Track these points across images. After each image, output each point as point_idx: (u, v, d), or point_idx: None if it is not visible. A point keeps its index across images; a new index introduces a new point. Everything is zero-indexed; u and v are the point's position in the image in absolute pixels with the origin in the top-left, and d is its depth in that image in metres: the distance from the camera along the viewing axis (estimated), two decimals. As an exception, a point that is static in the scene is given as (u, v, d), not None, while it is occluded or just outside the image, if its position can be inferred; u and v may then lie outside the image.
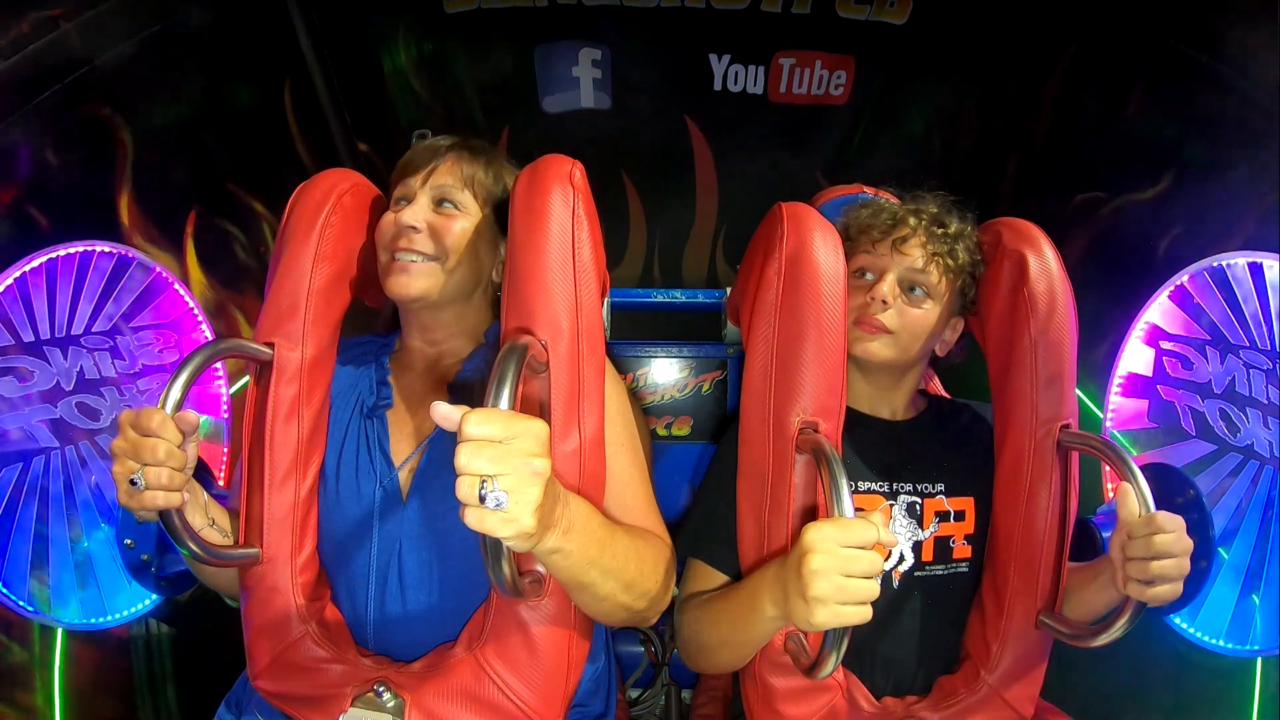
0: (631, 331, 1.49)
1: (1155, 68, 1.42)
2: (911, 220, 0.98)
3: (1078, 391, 0.95)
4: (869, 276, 0.99)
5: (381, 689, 0.83)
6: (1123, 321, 1.37)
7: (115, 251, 1.40)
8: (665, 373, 1.43)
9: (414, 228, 0.92)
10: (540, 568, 0.81)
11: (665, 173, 1.94)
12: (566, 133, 1.84)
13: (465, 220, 0.95)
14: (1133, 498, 0.81)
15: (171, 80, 1.50)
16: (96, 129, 1.44)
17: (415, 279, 0.92)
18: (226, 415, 1.47)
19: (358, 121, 1.79)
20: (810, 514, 0.86)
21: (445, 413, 0.63)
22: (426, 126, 1.82)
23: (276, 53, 1.64)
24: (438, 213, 0.94)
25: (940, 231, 0.97)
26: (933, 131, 1.81)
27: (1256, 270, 1.33)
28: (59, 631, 1.34)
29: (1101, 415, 1.39)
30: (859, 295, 0.98)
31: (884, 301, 0.96)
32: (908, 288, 0.98)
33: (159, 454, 0.73)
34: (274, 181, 1.66)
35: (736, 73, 1.78)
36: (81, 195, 1.45)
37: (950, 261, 0.97)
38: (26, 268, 1.34)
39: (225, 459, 1.46)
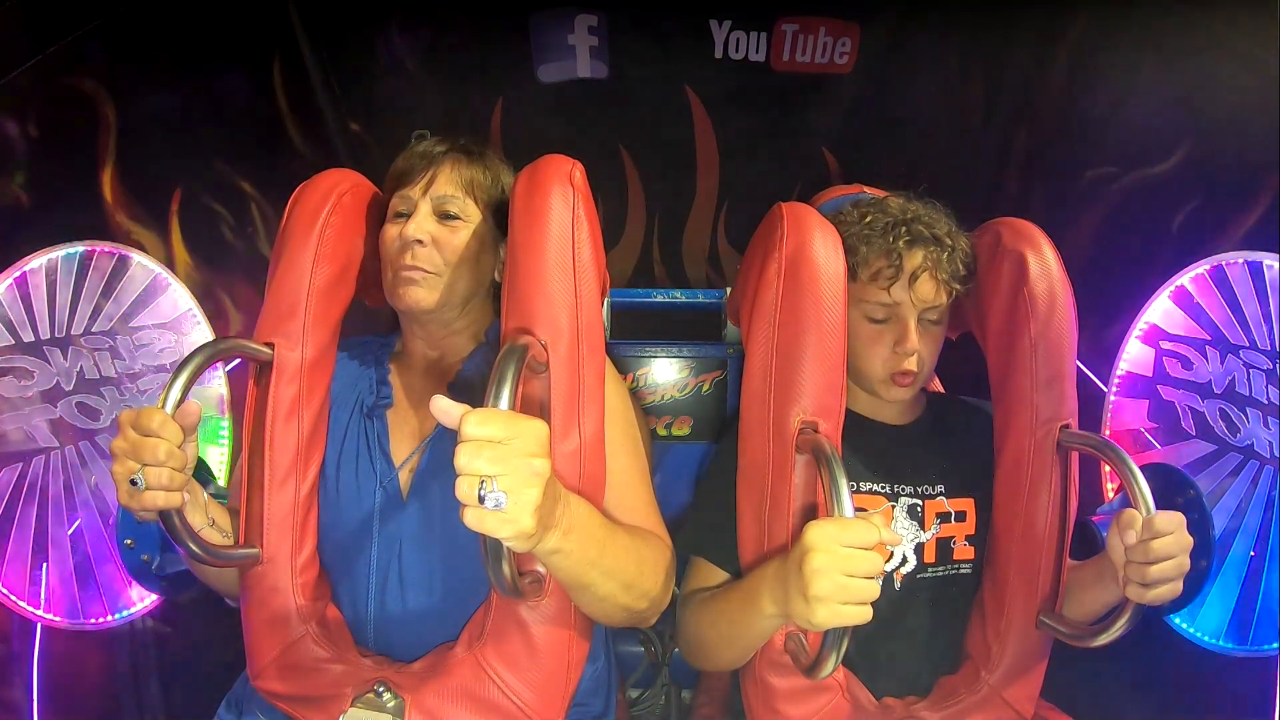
0: (631, 331, 1.49)
1: (1170, 35, 1.40)
2: (919, 254, 0.96)
3: (1079, 364, 0.94)
4: (884, 320, 0.98)
5: (382, 689, 0.83)
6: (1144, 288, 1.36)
7: (115, 251, 1.40)
8: (665, 373, 1.43)
9: (419, 241, 0.92)
10: (540, 568, 0.81)
11: (664, 144, 1.87)
12: (562, 103, 1.78)
13: (467, 229, 0.95)
14: (1138, 520, 0.80)
15: (157, 54, 1.47)
16: (79, 103, 1.42)
17: (424, 291, 0.92)
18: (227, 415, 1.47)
19: (348, 98, 1.75)
20: (810, 514, 0.86)
21: (445, 407, 0.63)
22: (417, 100, 1.77)
23: (266, 26, 1.61)
24: (441, 225, 0.94)
25: (946, 257, 0.96)
26: (939, 104, 1.78)
27: (1256, 270, 1.33)
28: (38, 626, 1.34)
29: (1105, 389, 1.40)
30: (883, 343, 0.97)
31: (914, 353, 0.96)
32: (925, 323, 0.98)
33: (159, 454, 0.73)
34: (262, 160, 1.64)
35: (738, 39, 1.72)
36: (63, 170, 1.43)
37: (957, 286, 0.97)
38: (26, 268, 1.34)
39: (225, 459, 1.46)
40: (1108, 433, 1.40)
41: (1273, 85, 1.25)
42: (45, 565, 1.32)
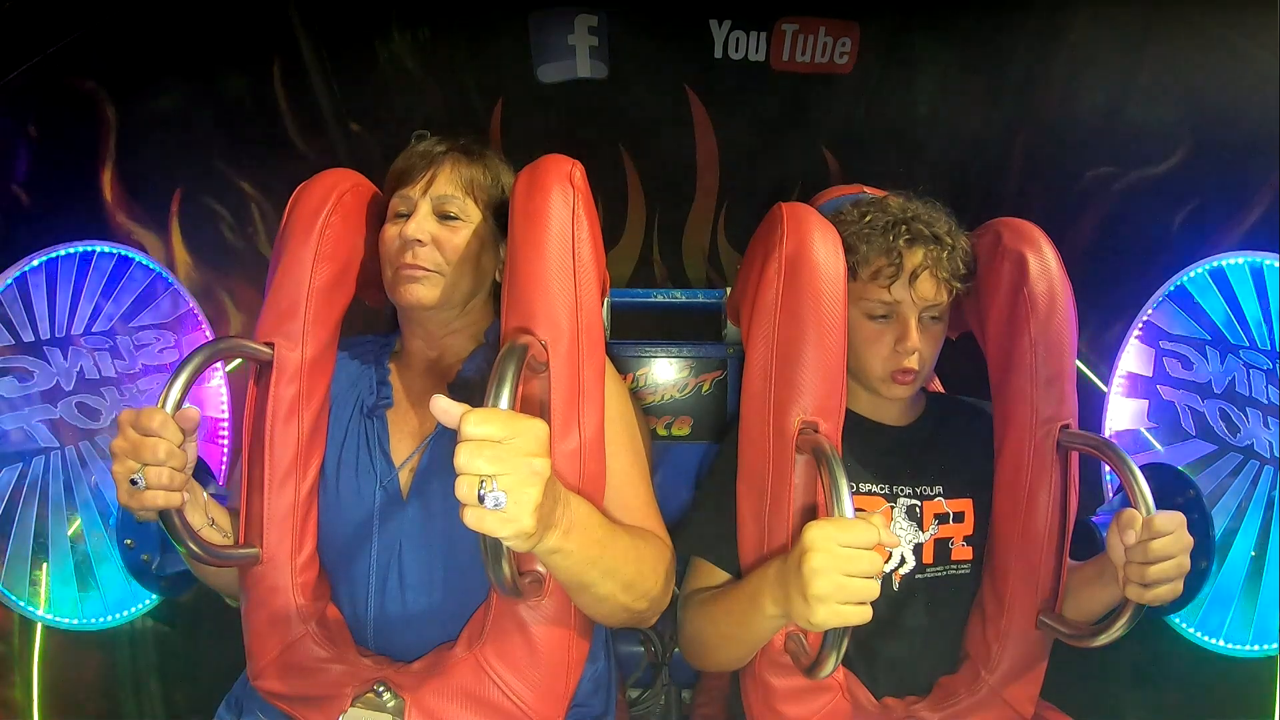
0: (631, 331, 1.49)
1: (1169, 35, 1.40)
2: (919, 253, 0.95)
3: (1079, 364, 0.93)
4: (885, 319, 0.97)
5: (381, 689, 0.83)
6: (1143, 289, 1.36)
7: (115, 251, 1.40)
8: (665, 373, 1.42)
9: (419, 241, 0.92)
10: (540, 568, 0.81)
11: (664, 145, 1.88)
12: (562, 103, 1.78)
13: (467, 229, 0.95)
14: (1138, 519, 0.80)
15: (157, 54, 1.47)
16: (79, 103, 1.42)
17: (425, 288, 0.92)
18: (227, 415, 1.47)
19: (348, 98, 1.75)
20: (810, 514, 0.86)
21: (445, 407, 0.63)
22: (417, 99, 1.78)
23: (266, 26, 1.61)
24: (441, 225, 0.94)
25: (946, 255, 0.96)
26: (939, 103, 1.78)
27: (1256, 270, 1.33)
28: (38, 625, 1.34)
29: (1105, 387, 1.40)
30: (884, 342, 0.97)
31: (914, 351, 0.96)
32: (925, 321, 0.98)
33: (159, 454, 0.73)
34: (262, 160, 1.64)
35: (738, 39, 1.72)
36: (64, 171, 1.43)
37: (957, 284, 0.97)
38: (27, 268, 1.34)
39: (225, 459, 1.46)
40: (1108, 433, 1.40)
41: (1273, 86, 1.25)
42: (45, 565, 1.32)
